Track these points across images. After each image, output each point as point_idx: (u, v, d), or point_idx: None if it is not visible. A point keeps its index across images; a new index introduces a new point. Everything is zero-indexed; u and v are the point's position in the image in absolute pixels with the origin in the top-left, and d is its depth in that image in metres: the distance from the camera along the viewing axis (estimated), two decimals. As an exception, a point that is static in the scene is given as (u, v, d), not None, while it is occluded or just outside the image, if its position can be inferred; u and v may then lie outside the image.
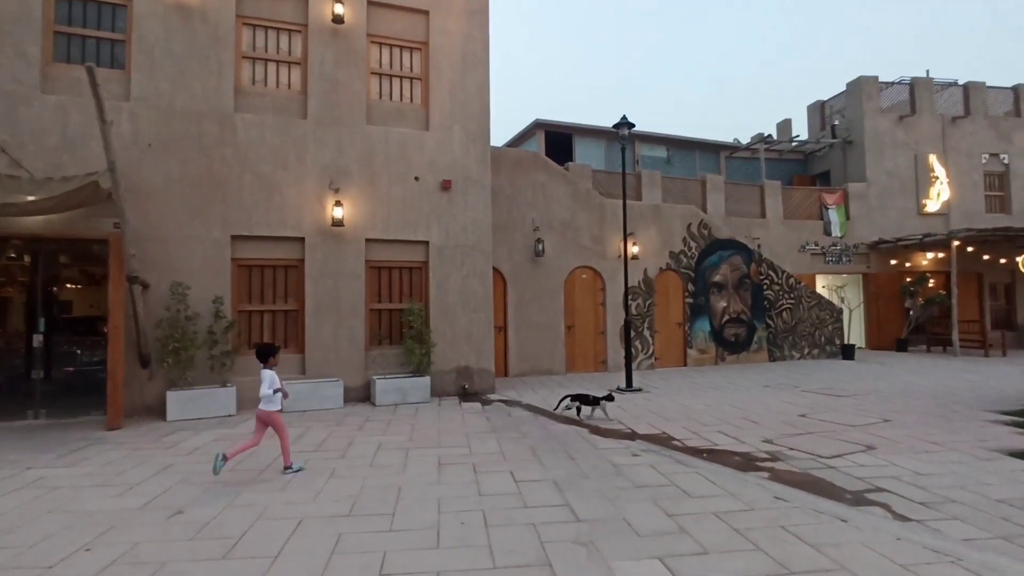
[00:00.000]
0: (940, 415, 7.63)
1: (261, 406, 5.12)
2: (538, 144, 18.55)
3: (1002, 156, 20.01)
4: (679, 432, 6.76)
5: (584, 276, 13.17)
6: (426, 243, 9.92)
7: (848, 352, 15.22)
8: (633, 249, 13.37)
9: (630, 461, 5.48)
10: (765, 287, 14.93)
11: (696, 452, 5.87)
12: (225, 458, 4.86)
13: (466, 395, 9.78)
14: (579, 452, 5.86)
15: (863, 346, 17.95)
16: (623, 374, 10.81)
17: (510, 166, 12.54)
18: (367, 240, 9.49)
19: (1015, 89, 20.54)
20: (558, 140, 18.92)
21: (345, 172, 9.37)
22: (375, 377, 9.08)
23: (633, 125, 10.33)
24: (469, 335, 10.08)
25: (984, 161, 19.91)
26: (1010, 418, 7.39)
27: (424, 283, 9.97)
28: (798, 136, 21.29)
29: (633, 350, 13.27)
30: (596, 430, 6.92)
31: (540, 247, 12.45)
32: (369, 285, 9.59)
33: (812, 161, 21.58)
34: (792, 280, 15.31)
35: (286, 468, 5.20)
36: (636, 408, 8.42)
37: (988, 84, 20.32)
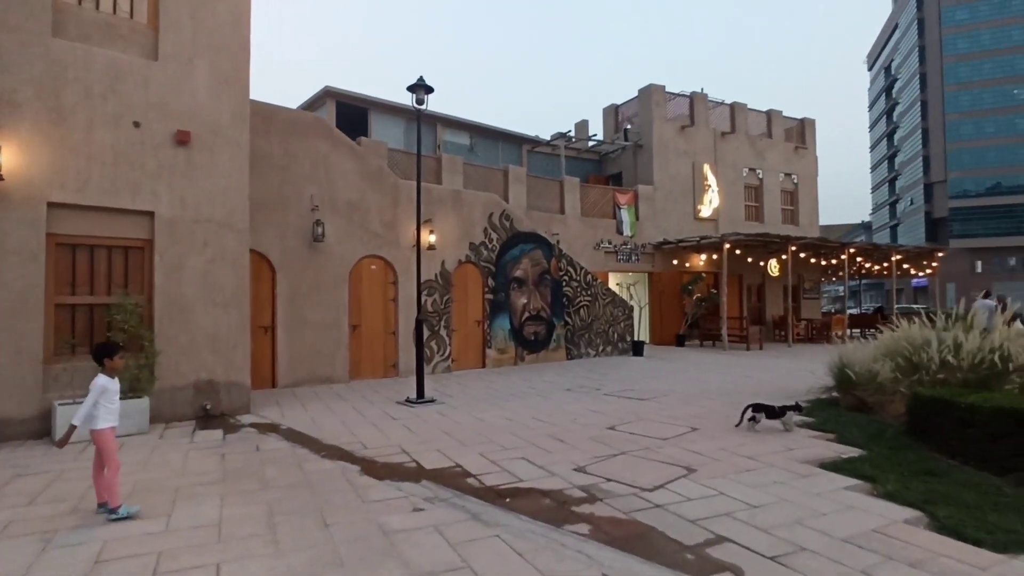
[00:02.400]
0: (737, 418, 7.33)
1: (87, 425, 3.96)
2: (328, 117, 16.17)
3: (757, 171, 22.47)
4: (476, 463, 5.38)
5: (373, 267, 11.34)
6: (150, 214, 7.29)
7: (638, 349, 15.51)
8: (430, 238, 11.88)
9: (410, 522, 3.91)
10: (564, 283, 14.51)
11: (498, 495, 4.51)
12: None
13: (207, 419, 7.40)
14: (339, 510, 4.13)
15: (648, 342, 18.70)
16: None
17: (284, 128, 10.22)
18: (51, 204, 6.61)
19: (768, 113, 23.24)
20: (352, 114, 16.71)
21: (11, 100, 6.39)
22: (58, 402, 6.31)
23: (431, 89, 8.79)
24: (214, 339, 7.68)
25: (744, 174, 22.17)
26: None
27: (147, 269, 7.34)
28: (595, 135, 21.71)
29: (428, 352, 11.81)
30: (370, 467, 5.24)
31: (320, 231, 10.35)
32: (55, 270, 6.72)
33: (607, 162, 22.20)
34: (589, 277, 15.14)
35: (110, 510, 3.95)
36: (426, 428, 6.91)
37: (749, 106, 22.70)
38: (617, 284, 18.42)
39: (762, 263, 20.97)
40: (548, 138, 21.18)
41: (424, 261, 11.87)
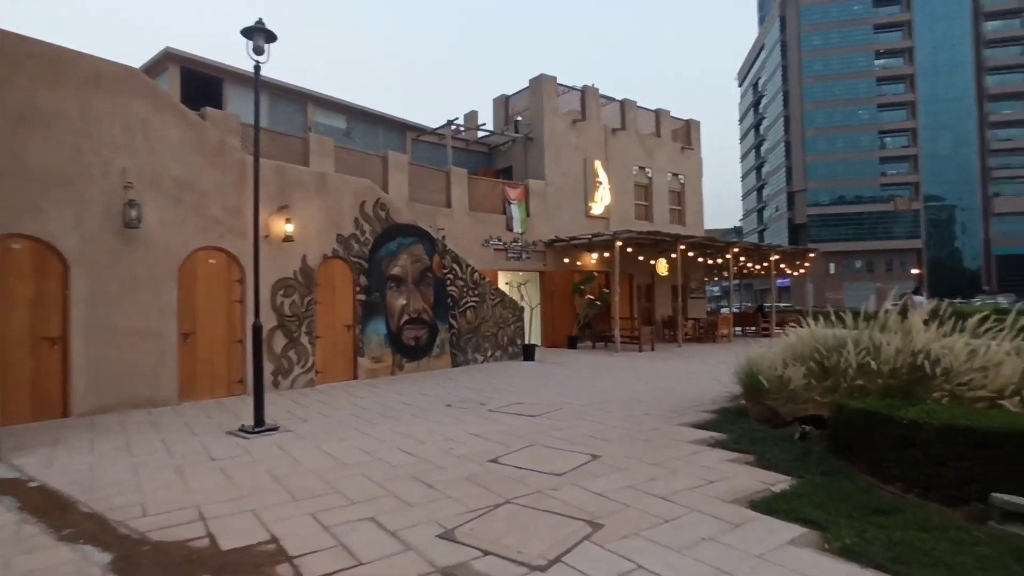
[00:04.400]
0: (643, 438, 6.23)
1: None
2: (171, 87, 13.59)
3: (647, 170, 22.25)
4: (301, 532, 3.77)
5: (213, 261, 9.23)
6: None
7: (529, 353, 14.35)
8: (286, 227, 9.95)
9: None
10: (449, 282, 13.03)
11: (317, 597, 2.95)
12: None
13: (-73, 471, 5.16)
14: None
15: (540, 344, 17.64)
16: (273, 397, 7.28)
17: (83, 80, 7.91)
18: None
19: (656, 112, 23.13)
20: (202, 84, 14.22)
21: None
22: None
23: (273, 36, 6.91)
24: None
25: (634, 172, 21.85)
26: (704, 433, 6.36)
27: None
28: (484, 124, 20.41)
29: (285, 364, 9.87)
30: (129, 558, 3.47)
31: (135, 214, 8.14)
32: None
33: (496, 155, 20.99)
34: (477, 275, 13.77)
35: None
36: (252, 472, 5.15)
37: (638, 104, 22.44)
38: (507, 283, 17.21)
39: (652, 262, 20.68)
40: (435, 127, 19.61)
41: (280, 255, 9.93)
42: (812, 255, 24.42)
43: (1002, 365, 5.27)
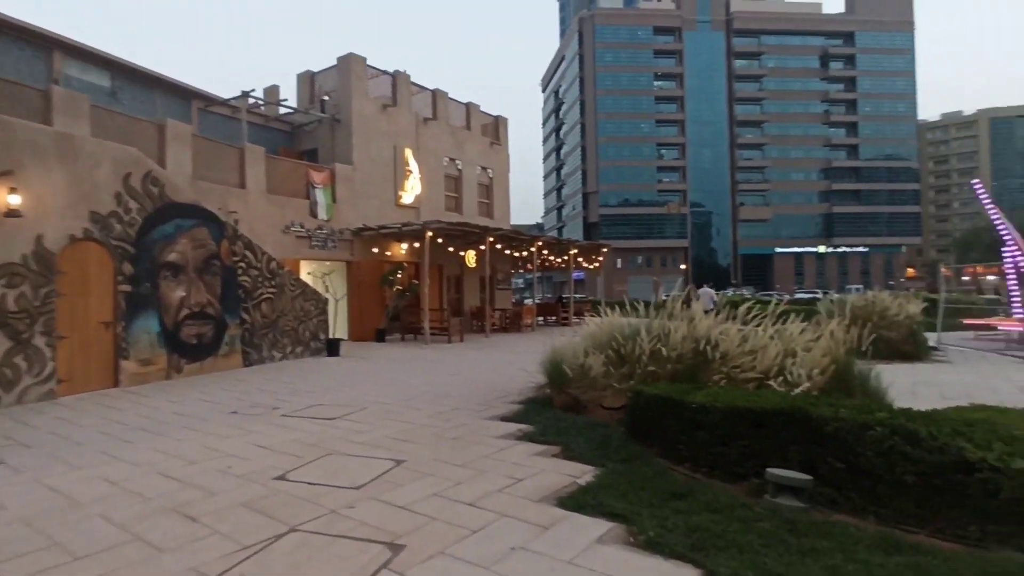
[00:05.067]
0: (451, 436, 5.87)
1: None
2: None
3: (457, 162, 22.17)
4: (-11, 609, 2.71)
5: None
6: None
7: (334, 348, 13.31)
8: (9, 199, 7.81)
9: None
10: (241, 272, 11.48)
11: None
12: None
13: None
14: None
15: (347, 338, 16.56)
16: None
17: None
18: None
19: (467, 106, 23.14)
20: None
21: None
22: None
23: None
24: None
25: (445, 164, 21.62)
26: (512, 426, 6.21)
27: None
28: (286, 100, 18.56)
29: (9, 372, 7.75)
30: None
31: None
32: None
33: (300, 135, 19.25)
34: (274, 264, 12.36)
35: None
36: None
37: (450, 95, 22.21)
38: (310, 274, 15.84)
39: (461, 253, 20.66)
40: (228, 98, 17.32)
41: (3, 234, 7.78)
42: (605, 250, 26.48)
43: (767, 348, 5.86)
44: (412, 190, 19.73)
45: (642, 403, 5.39)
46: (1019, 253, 14.83)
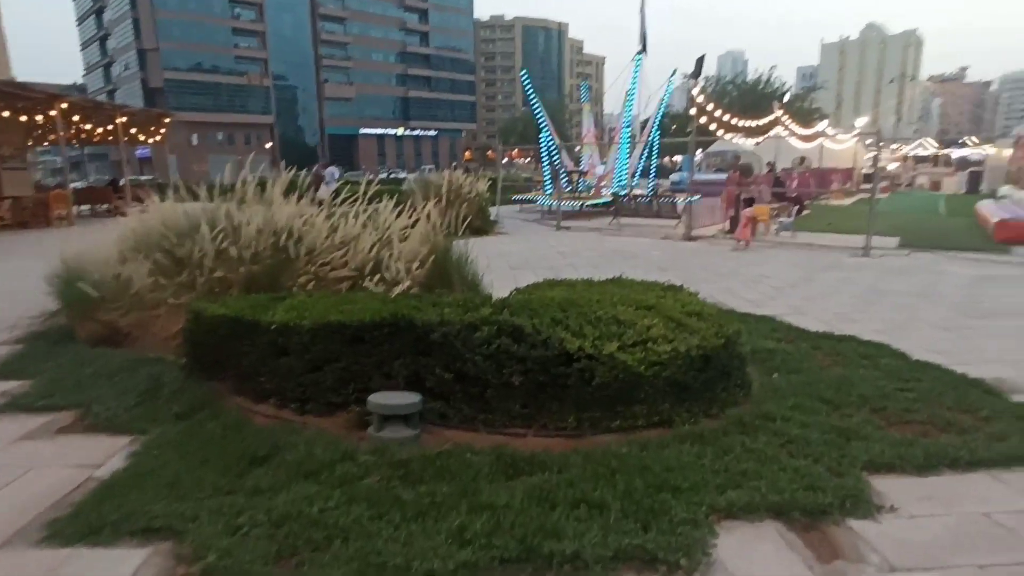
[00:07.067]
0: None
1: None
2: None
3: None
4: None
5: None
6: None
7: None
8: None
9: None
10: None
11: None
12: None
13: None
14: None
15: None
16: None
17: None
18: None
19: None
20: None
21: None
22: None
23: None
24: None
25: None
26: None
27: None
28: None
29: None
30: None
31: None
32: None
33: None
34: None
35: None
36: None
37: None
38: None
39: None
40: None
41: None
42: (168, 120, 21.29)
43: (360, 240, 4.91)
44: None
45: (204, 327, 3.85)
46: (552, 138, 17.69)
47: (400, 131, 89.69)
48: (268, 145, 68.40)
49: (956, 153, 36.72)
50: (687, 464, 2.68)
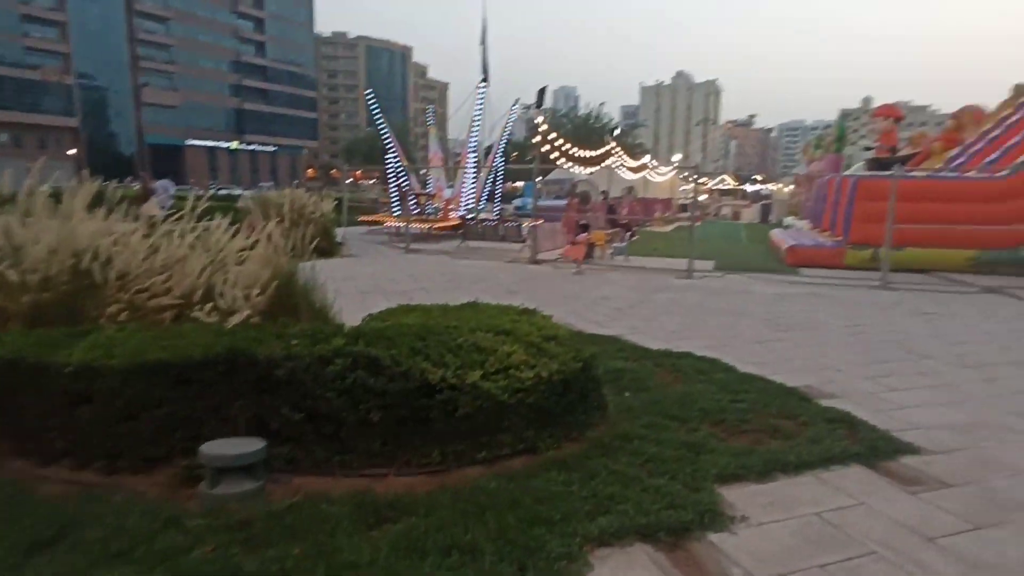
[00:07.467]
0: None
1: None
2: None
3: None
4: None
5: None
6: None
7: None
8: None
9: None
10: None
11: None
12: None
13: None
14: None
15: None
16: None
17: None
18: None
19: None
20: None
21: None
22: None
23: None
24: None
25: None
26: None
27: None
28: None
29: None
30: None
31: None
32: None
33: None
34: None
35: None
36: None
37: None
38: None
39: None
40: None
41: None
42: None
43: (187, 261, 4.26)
44: None
45: (-29, 374, 3.03)
46: (398, 160, 17.39)
47: (234, 144, 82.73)
48: (71, 152, 58.98)
49: (750, 188, 43.03)
50: (557, 494, 2.62)
